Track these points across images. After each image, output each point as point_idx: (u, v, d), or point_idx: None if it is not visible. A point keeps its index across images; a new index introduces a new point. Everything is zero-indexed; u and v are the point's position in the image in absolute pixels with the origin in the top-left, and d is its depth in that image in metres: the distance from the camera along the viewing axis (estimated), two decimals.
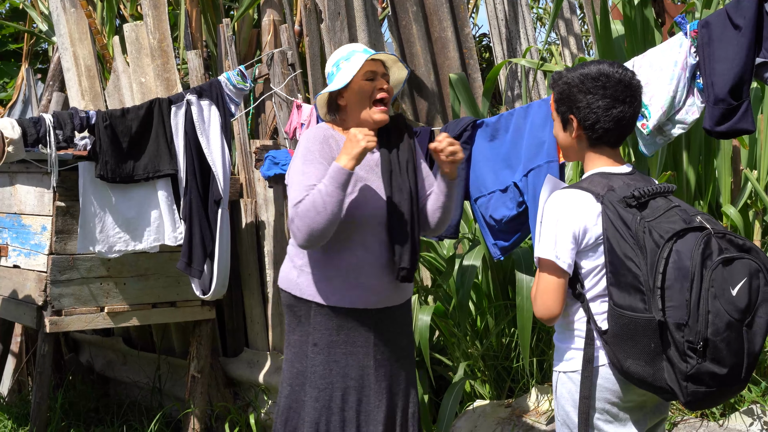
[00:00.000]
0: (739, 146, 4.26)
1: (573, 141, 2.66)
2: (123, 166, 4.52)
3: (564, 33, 5.72)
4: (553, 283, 2.56)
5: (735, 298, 2.34)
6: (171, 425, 5.36)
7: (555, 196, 2.61)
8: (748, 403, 3.68)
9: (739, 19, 3.27)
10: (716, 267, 2.34)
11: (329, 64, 3.37)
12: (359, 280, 3.24)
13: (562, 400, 2.62)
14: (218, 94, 4.64)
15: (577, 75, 2.61)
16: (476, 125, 4.04)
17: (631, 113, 2.59)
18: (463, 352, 4.53)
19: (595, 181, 2.58)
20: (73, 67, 5.73)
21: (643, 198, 2.48)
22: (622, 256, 2.45)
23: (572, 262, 2.56)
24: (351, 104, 3.30)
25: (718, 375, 2.35)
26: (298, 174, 3.18)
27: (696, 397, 2.39)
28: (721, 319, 2.33)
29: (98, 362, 6.32)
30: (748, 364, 2.38)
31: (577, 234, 2.54)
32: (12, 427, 5.58)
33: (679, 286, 2.36)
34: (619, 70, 2.59)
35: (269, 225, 5.16)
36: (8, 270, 4.96)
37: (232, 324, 5.54)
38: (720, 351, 2.33)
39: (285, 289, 3.36)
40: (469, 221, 4.70)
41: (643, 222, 2.43)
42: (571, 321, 2.60)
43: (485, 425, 4.21)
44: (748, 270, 2.36)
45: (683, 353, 2.36)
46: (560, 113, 2.67)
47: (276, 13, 5.68)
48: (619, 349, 2.47)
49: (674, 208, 2.47)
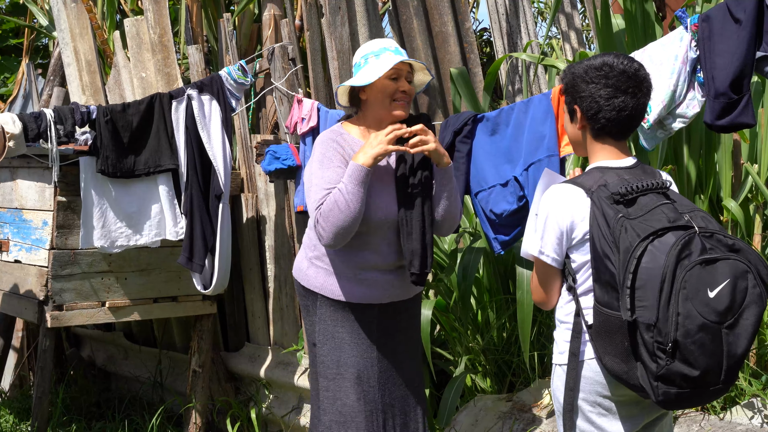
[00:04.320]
0: (739, 140, 4.25)
1: (579, 133, 2.68)
2: (124, 161, 4.52)
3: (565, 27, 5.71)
4: (543, 275, 2.66)
5: (712, 300, 2.30)
6: (172, 420, 5.37)
7: (548, 192, 2.63)
8: (748, 396, 3.68)
9: (740, 13, 3.26)
10: (692, 267, 2.31)
11: (358, 55, 3.41)
12: (366, 277, 3.32)
13: (557, 391, 2.66)
14: (219, 89, 4.64)
15: (582, 66, 2.63)
16: (477, 120, 4.04)
17: (634, 104, 2.58)
18: (464, 347, 4.53)
19: (591, 175, 2.59)
20: (74, 62, 5.73)
21: (630, 195, 2.46)
22: (601, 253, 2.45)
23: (559, 257, 2.60)
24: (372, 100, 3.36)
25: (690, 376, 2.33)
26: (317, 178, 3.25)
27: (668, 398, 2.37)
28: (692, 321, 2.30)
29: (99, 357, 6.33)
30: (729, 366, 2.34)
31: (565, 229, 2.57)
32: (14, 421, 5.59)
33: (650, 287, 2.34)
34: (624, 61, 2.59)
35: (270, 220, 5.16)
36: (9, 265, 4.97)
37: (233, 319, 5.55)
38: (691, 353, 2.30)
39: (296, 278, 3.51)
40: (470, 215, 4.71)
41: (622, 219, 2.42)
42: (565, 314, 2.64)
43: (486, 419, 4.21)
44: (733, 271, 2.33)
45: (652, 353, 2.34)
46: (567, 104, 2.69)
47: (277, 7, 5.67)
48: (600, 345, 2.50)
49: (662, 206, 2.44)
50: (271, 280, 5.22)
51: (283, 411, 5.01)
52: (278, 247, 5.10)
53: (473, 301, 4.57)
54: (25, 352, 6.35)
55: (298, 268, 3.49)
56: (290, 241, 5.02)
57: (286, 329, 5.11)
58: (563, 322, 2.64)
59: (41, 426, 4.81)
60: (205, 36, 6.47)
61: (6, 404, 5.95)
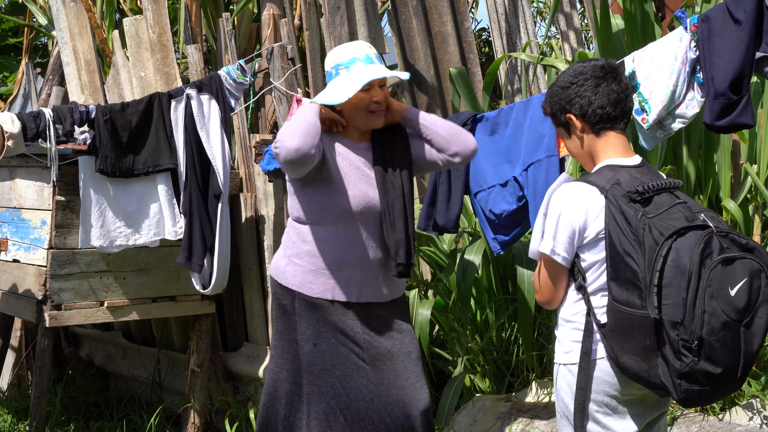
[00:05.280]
0: (739, 140, 4.25)
1: (580, 142, 2.67)
2: (123, 161, 4.52)
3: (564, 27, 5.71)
4: (553, 274, 2.63)
5: (733, 298, 2.34)
6: (171, 419, 5.36)
7: (561, 189, 2.63)
8: (747, 397, 3.68)
9: (739, 14, 3.26)
10: (715, 266, 2.34)
11: (328, 62, 3.38)
12: (343, 273, 3.30)
13: (562, 392, 2.64)
14: (218, 89, 4.64)
15: (557, 82, 2.69)
16: (476, 119, 4.04)
17: (619, 87, 2.61)
18: (463, 347, 4.53)
19: (602, 174, 2.59)
20: (73, 61, 5.72)
21: (647, 193, 2.48)
22: (622, 251, 2.45)
23: (569, 256, 2.59)
24: (347, 113, 3.37)
25: (713, 374, 2.36)
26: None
27: (689, 395, 2.41)
28: (717, 319, 2.33)
29: (98, 356, 6.32)
30: (744, 363, 2.38)
31: (577, 228, 2.55)
32: (12, 421, 5.59)
33: (676, 285, 2.36)
34: (593, 60, 2.66)
35: (269, 219, 5.15)
36: (8, 264, 4.96)
37: (232, 318, 5.54)
38: (715, 350, 2.34)
39: (273, 276, 3.48)
40: (470, 215, 4.70)
41: (644, 218, 2.43)
42: (572, 314, 2.62)
43: (485, 419, 4.21)
44: (749, 270, 2.36)
45: (678, 351, 2.37)
46: (561, 124, 2.69)
47: (276, 7, 5.67)
48: (616, 344, 2.49)
49: (678, 205, 2.47)
50: (269, 280, 5.21)
51: None
52: (277, 246, 5.09)
53: (472, 302, 4.57)
54: (23, 351, 6.34)
55: (275, 266, 3.47)
56: None
57: None
58: (570, 321, 2.63)
59: (39, 425, 4.80)
60: (204, 35, 6.47)
61: (4, 404, 5.95)
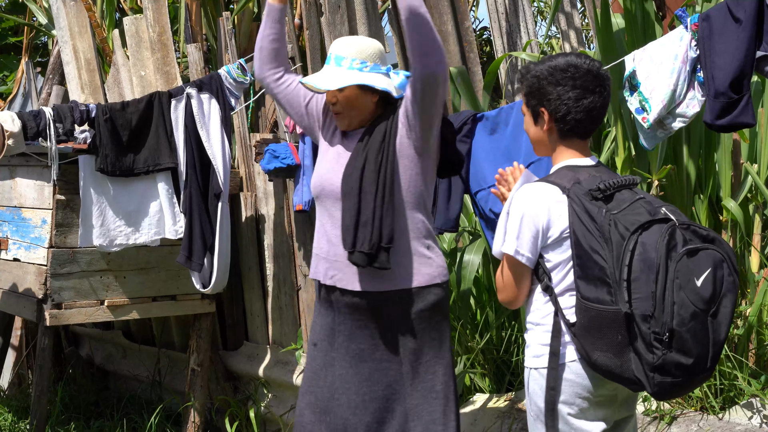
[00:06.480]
0: (739, 140, 4.25)
1: (544, 134, 2.68)
2: (123, 160, 4.52)
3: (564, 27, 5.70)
4: (516, 274, 2.63)
5: (699, 289, 2.37)
6: (171, 419, 5.37)
7: (522, 191, 2.63)
8: (747, 396, 3.68)
9: (740, 13, 3.26)
10: (681, 258, 2.37)
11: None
12: (320, 248, 3.29)
13: (534, 396, 2.63)
14: (218, 88, 4.64)
15: (545, 67, 2.62)
16: (476, 119, 4.04)
17: (601, 103, 2.61)
18: (463, 346, 4.53)
19: (563, 173, 2.60)
20: (73, 60, 5.72)
21: (608, 190, 2.50)
22: (589, 249, 2.47)
23: (533, 256, 2.59)
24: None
25: (684, 365, 2.38)
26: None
27: (663, 388, 2.42)
28: (686, 310, 2.35)
29: (98, 356, 6.33)
30: (713, 353, 2.41)
31: (540, 228, 2.57)
32: (12, 420, 5.59)
33: (644, 278, 2.38)
34: (587, 60, 2.62)
35: (269, 219, 5.15)
36: (8, 263, 4.96)
37: (232, 318, 5.54)
38: (686, 341, 2.36)
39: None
40: (470, 215, 4.70)
41: (609, 214, 2.45)
42: (542, 316, 2.62)
43: (485, 418, 4.21)
44: (713, 260, 2.39)
45: (649, 344, 2.39)
46: (530, 107, 2.68)
47: None
48: (587, 342, 2.49)
49: (639, 200, 2.49)
50: (270, 279, 5.21)
51: (282, 410, 5.01)
52: (277, 246, 5.09)
53: (472, 301, 4.57)
54: (23, 350, 6.35)
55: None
56: (289, 240, 5.01)
57: (285, 328, 5.11)
58: (539, 324, 2.62)
59: (40, 424, 4.81)
60: (205, 35, 6.47)
61: (5, 402, 5.95)
